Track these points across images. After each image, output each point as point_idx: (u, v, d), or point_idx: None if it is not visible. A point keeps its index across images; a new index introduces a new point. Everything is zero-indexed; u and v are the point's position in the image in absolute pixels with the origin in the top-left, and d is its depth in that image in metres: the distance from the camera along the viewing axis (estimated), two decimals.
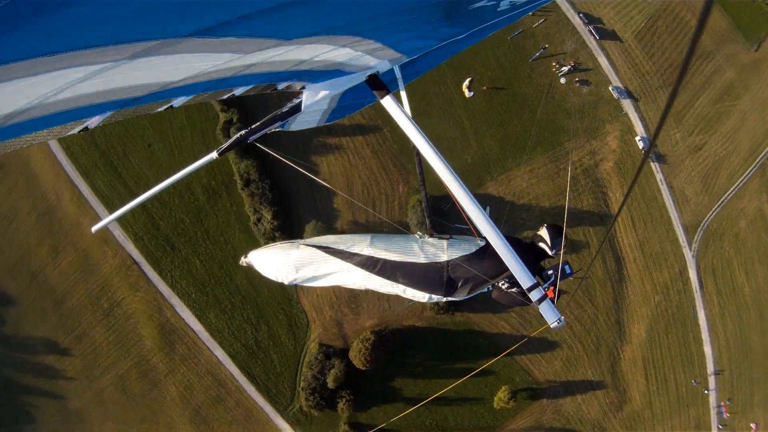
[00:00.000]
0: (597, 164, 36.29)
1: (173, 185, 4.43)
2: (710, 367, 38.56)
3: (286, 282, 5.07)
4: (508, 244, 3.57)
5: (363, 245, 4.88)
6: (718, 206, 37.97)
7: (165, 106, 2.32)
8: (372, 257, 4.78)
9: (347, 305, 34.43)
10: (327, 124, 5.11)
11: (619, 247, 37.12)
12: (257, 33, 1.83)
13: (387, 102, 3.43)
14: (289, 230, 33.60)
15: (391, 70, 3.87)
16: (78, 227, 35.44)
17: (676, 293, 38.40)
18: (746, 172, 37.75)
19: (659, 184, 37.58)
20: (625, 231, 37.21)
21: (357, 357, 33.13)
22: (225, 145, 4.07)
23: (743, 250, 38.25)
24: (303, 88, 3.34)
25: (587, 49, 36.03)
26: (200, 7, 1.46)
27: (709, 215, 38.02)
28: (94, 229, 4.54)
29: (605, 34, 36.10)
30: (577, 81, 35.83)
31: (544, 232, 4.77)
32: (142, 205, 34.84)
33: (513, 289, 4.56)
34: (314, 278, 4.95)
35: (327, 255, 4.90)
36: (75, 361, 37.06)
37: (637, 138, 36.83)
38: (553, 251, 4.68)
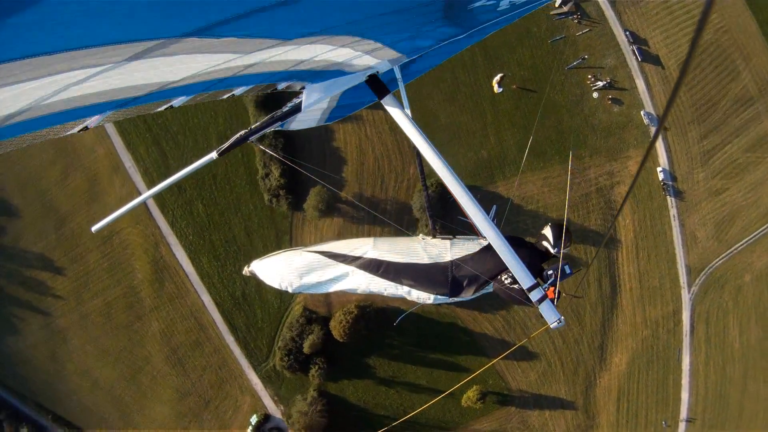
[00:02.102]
0: (612, 186, 35.72)
1: (188, 126, 4.43)
2: (683, 413, 38.27)
3: (290, 290, 5.05)
4: (508, 244, 3.52)
5: (366, 248, 4.87)
6: (727, 255, 37.26)
7: (165, 106, 2.29)
8: (375, 260, 4.76)
9: None
10: (327, 123, 5.10)
11: (617, 274, 36.72)
12: (256, 33, 1.80)
13: (387, 102, 3.44)
14: (293, 191, 33.81)
15: (391, 70, 3.82)
16: (92, 153, 36.01)
17: (665, 332, 38.00)
18: (762, 228, 36.91)
19: (671, 219, 36.93)
20: (627, 259, 36.75)
21: (337, 327, 33.49)
22: (225, 146, 4.06)
23: (742, 304, 37.60)
24: (303, 88, 3.30)
25: (627, 68, 35.21)
26: (199, 7, 1.41)
27: (715, 262, 37.36)
28: (94, 228, 4.56)
29: (648, 57, 35.22)
30: (609, 98, 35.10)
31: (547, 231, 4.73)
32: (155, 142, 35.33)
33: (515, 286, 4.52)
34: (318, 284, 4.93)
35: (330, 260, 4.88)
36: (66, 281, 37.96)
37: (659, 169, 36.14)
38: (555, 249, 4.63)
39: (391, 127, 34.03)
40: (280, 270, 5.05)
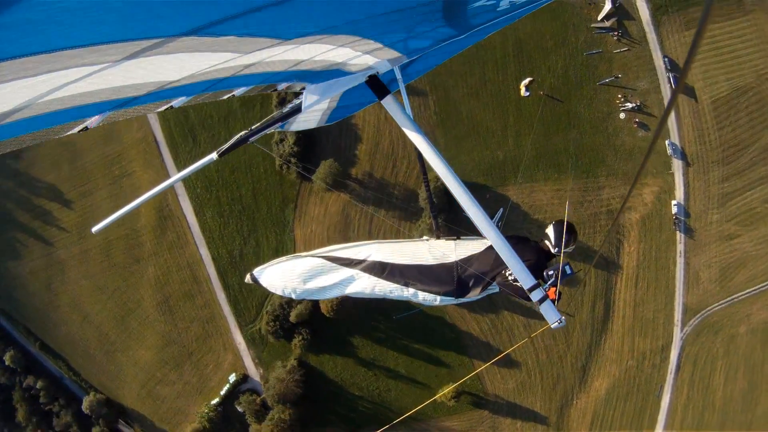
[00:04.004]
0: (624, 210, 35.29)
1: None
2: None
3: (294, 296, 5.05)
4: (508, 244, 3.50)
5: (370, 251, 4.87)
6: (727, 302, 36.67)
7: (165, 107, 2.29)
8: (380, 262, 4.76)
9: None
10: (328, 124, 5.07)
11: (613, 299, 36.42)
12: (256, 32, 1.78)
13: (387, 102, 3.39)
14: (306, 160, 33.97)
15: (391, 71, 3.79)
16: None
17: (650, 366, 37.65)
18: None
19: (677, 255, 36.41)
20: (625, 286, 36.41)
21: (325, 302, 33.79)
22: (225, 146, 4.08)
23: (733, 354, 37.03)
24: (303, 89, 3.30)
25: (659, 94, 34.54)
26: (198, 4, 1.40)
27: (713, 306, 36.81)
28: (94, 229, 4.49)
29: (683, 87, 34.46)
30: (636, 122, 34.52)
31: (550, 230, 4.70)
32: None
33: (518, 283, 4.46)
34: (323, 289, 4.92)
35: (334, 264, 4.87)
36: (73, 214, 38.76)
37: (674, 202, 35.52)
38: (556, 249, 4.58)
39: (412, 113, 33.81)
40: (284, 276, 5.03)
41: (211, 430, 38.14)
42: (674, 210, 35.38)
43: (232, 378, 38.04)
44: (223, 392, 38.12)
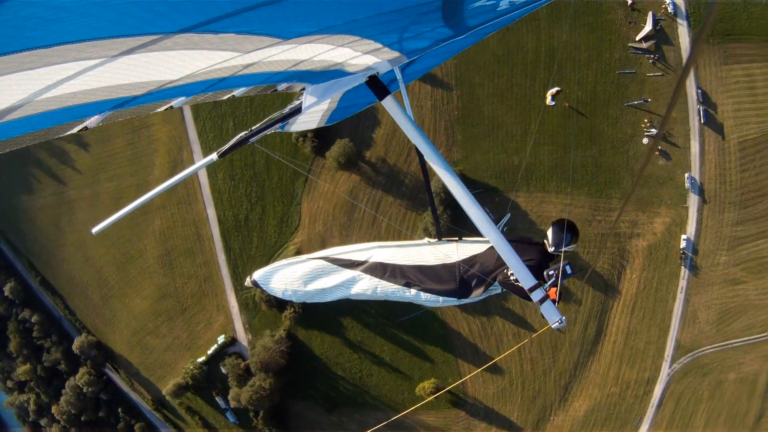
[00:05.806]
0: (631, 236, 34.95)
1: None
2: None
3: (294, 299, 5.05)
4: (509, 245, 3.52)
5: (371, 252, 4.88)
6: (720, 346, 36.22)
7: (165, 107, 2.32)
8: (381, 263, 4.76)
9: (339, 229, 35.21)
10: (327, 125, 5.12)
11: (606, 323, 36.22)
12: (256, 30, 1.79)
13: (387, 103, 3.41)
14: (321, 136, 34.14)
15: (392, 71, 3.80)
16: None
17: (633, 397, 37.46)
18: (765, 334, 35.66)
19: (678, 291, 36.02)
20: (621, 312, 36.17)
21: None
22: (225, 147, 4.13)
23: (718, 399, 36.62)
24: (303, 89, 3.32)
25: (686, 126, 34.00)
26: (197, 2, 1.39)
27: (706, 348, 36.40)
28: (95, 230, 4.50)
29: (712, 122, 33.88)
30: (658, 150, 34.04)
31: (550, 230, 4.70)
32: None
33: (519, 282, 4.40)
34: (324, 291, 4.90)
35: (335, 266, 4.88)
36: (89, 157, 39.54)
37: (684, 237, 35.04)
38: (553, 249, 4.58)
39: (434, 105, 33.86)
40: (284, 278, 5.01)
41: (193, 386, 38.95)
42: (683, 244, 34.90)
43: (221, 339, 38.72)
44: (210, 352, 38.85)
